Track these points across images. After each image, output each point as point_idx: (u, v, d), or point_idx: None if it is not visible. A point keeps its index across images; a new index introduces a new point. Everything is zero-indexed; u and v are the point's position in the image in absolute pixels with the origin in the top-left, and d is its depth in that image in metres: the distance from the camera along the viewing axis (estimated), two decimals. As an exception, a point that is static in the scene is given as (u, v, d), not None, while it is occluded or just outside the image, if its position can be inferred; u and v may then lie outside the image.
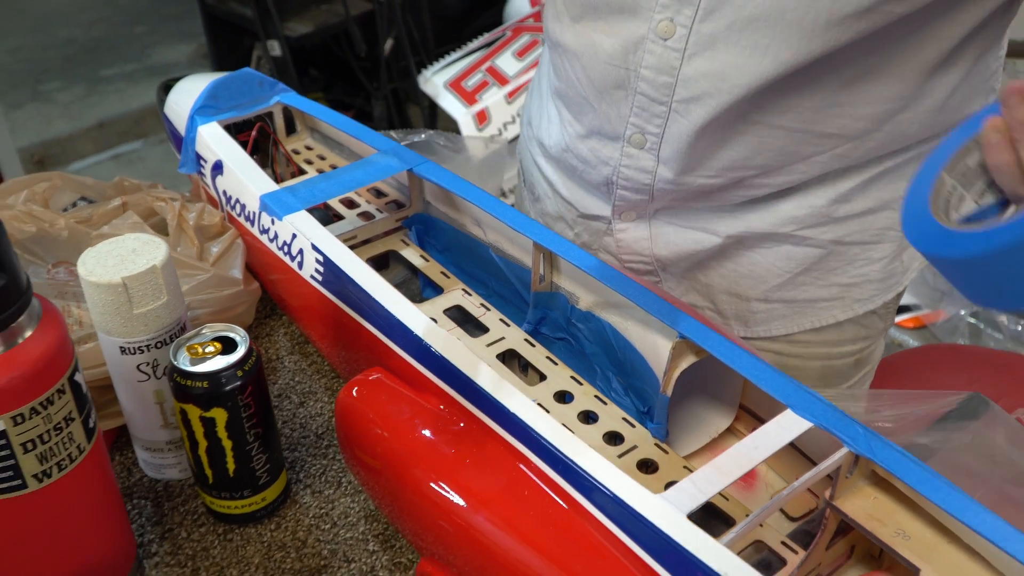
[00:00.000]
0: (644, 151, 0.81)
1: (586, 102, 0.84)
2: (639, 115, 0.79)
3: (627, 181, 0.84)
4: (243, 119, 0.98)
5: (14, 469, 0.55)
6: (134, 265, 0.65)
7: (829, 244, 0.85)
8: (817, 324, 0.90)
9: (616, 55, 0.77)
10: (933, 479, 0.56)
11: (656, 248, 0.89)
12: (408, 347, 0.68)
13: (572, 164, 0.90)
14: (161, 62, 3.29)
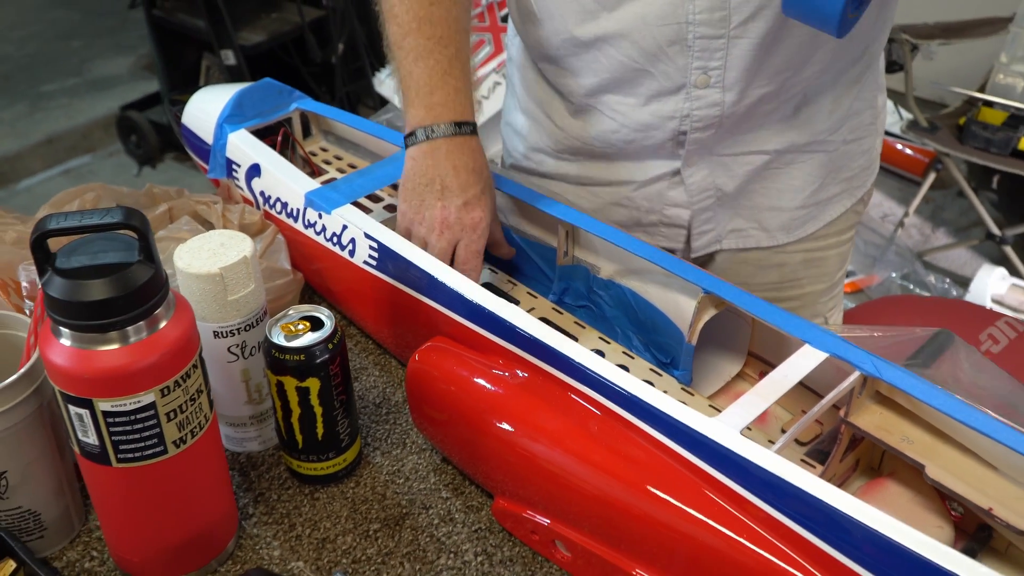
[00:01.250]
0: (709, 88, 0.90)
1: (640, 72, 0.92)
2: (700, 57, 0.88)
3: (699, 122, 0.93)
4: (266, 125, 1.06)
5: (159, 436, 0.63)
6: (227, 257, 0.73)
7: (842, 145, 1.02)
8: (834, 216, 1.06)
9: (667, 15, 0.86)
10: (932, 390, 0.68)
11: (718, 179, 0.99)
12: (468, 314, 0.77)
13: (629, 139, 0.97)
14: (102, 76, 3.28)
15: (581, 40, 0.93)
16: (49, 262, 0.59)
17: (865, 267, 2.52)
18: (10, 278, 0.79)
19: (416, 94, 0.87)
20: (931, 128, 2.39)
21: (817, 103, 0.97)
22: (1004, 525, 0.64)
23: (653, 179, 1.01)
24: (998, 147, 2.31)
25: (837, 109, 0.99)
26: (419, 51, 0.87)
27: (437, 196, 0.84)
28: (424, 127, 0.85)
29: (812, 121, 0.98)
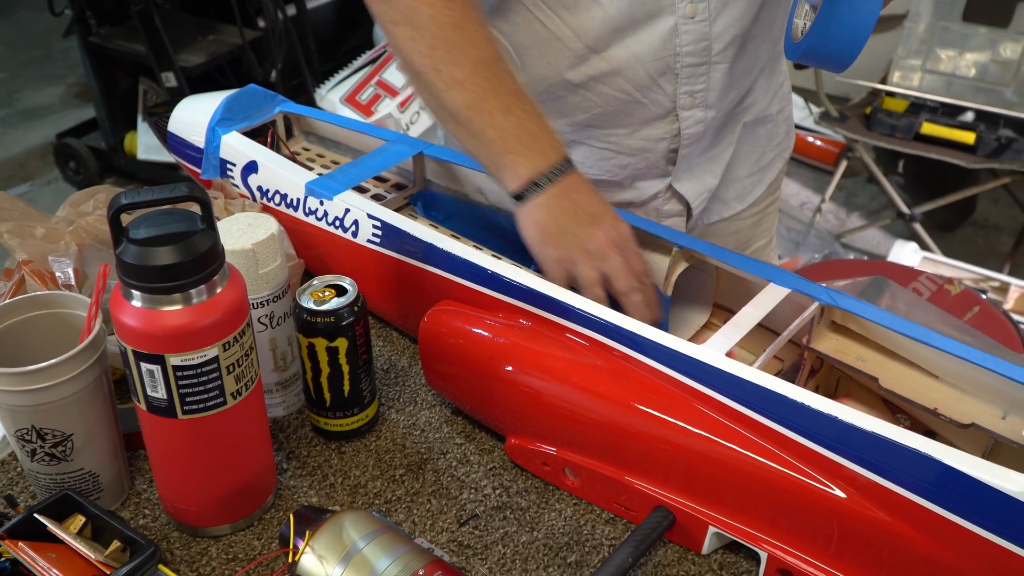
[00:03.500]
0: (695, 108, 1.02)
1: (631, 104, 1.00)
2: (687, 83, 0.99)
3: (688, 139, 1.04)
4: (253, 128, 1.14)
5: (219, 388, 0.70)
6: (256, 235, 0.81)
7: (777, 115, 1.16)
8: (772, 178, 1.20)
9: (656, 51, 0.96)
10: (880, 313, 0.80)
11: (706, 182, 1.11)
12: (470, 275, 0.87)
13: (622, 164, 1.06)
14: (33, 105, 3.27)
15: (572, 82, 1.00)
16: (123, 233, 0.66)
17: (789, 251, 2.69)
18: (45, 269, 0.86)
19: (521, 145, 0.85)
20: (841, 118, 2.57)
21: (758, 88, 1.11)
22: (948, 421, 0.76)
23: (649, 198, 1.10)
24: (902, 132, 2.51)
25: (769, 86, 1.13)
26: (504, 108, 0.85)
27: (590, 225, 0.84)
28: (545, 173, 0.84)
29: (756, 102, 1.12)
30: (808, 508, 0.70)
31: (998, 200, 2.93)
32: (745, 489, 0.73)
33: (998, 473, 0.63)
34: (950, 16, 2.64)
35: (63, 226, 0.91)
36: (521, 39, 0.99)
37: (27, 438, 0.73)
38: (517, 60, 1.00)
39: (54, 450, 0.74)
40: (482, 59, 0.86)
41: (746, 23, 0.98)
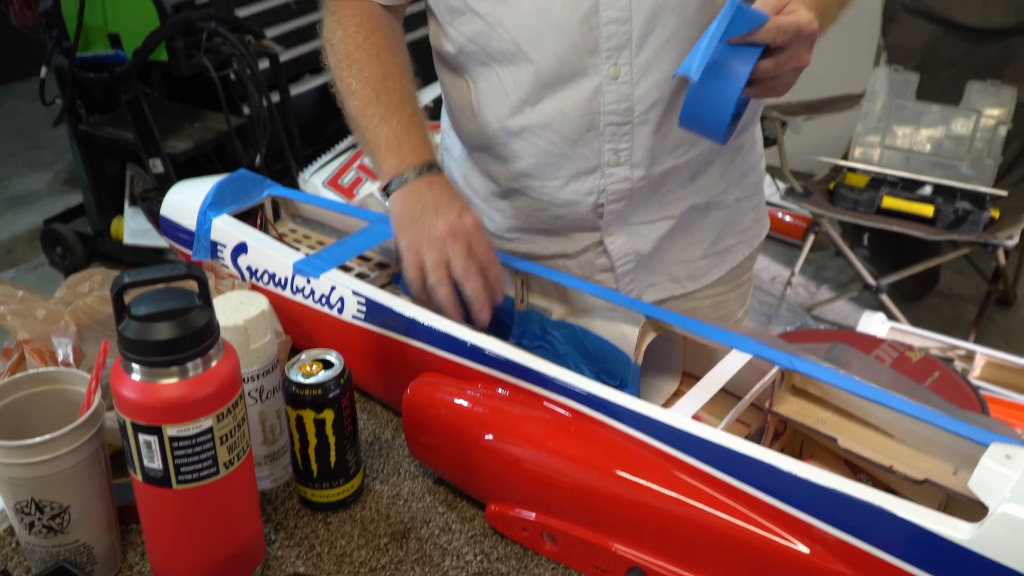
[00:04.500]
0: (620, 166, 1.09)
1: (561, 157, 1.09)
2: (611, 140, 1.07)
3: (613, 195, 1.11)
4: (243, 211, 1.19)
5: (212, 459, 0.74)
6: (247, 312, 0.85)
7: (734, 203, 1.22)
8: (734, 264, 1.25)
9: (582, 108, 1.05)
10: (838, 376, 0.85)
11: (636, 245, 1.17)
12: (451, 348, 0.91)
13: (556, 214, 1.15)
14: (20, 192, 3.33)
15: (511, 130, 1.10)
16: (126, 310, 0.71)
17: (761, 323, 2.75)
18: (45, 348, 0.90)
19: (387, 149, 1.02)
20: (806, 193, 2.67)
21: (710, 171, 1.17)
22: (903, 477, 0.81)
23: (582, 250, 1.18)
24: (865, 206, 2.60)
25: (727, 174, 1.19)
26: (382, 115, 1.03)
27: (433, 215, 0.96)
28: (405, 172, 1.00)
29: (707, 187, 1.18)
30: (776, 564, 0.74)
31: (962, 270, 3.02)
32: (715, 548, 0.77)
33: (948, 523, 0.67)
34: (904, 95, 2.77)
35: (62, 307, 0.95)
36: (477, 88, 1.11)
37: (26, 510, 0.77)
38: (475, 106, 1.12)
39: (51, 522, 0.77)
40: (375, 75, 1.05)
41: (668, 89, 1.05)
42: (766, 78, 0.88)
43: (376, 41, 1.08)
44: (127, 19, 2.40)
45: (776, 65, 0.87)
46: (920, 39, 2.80)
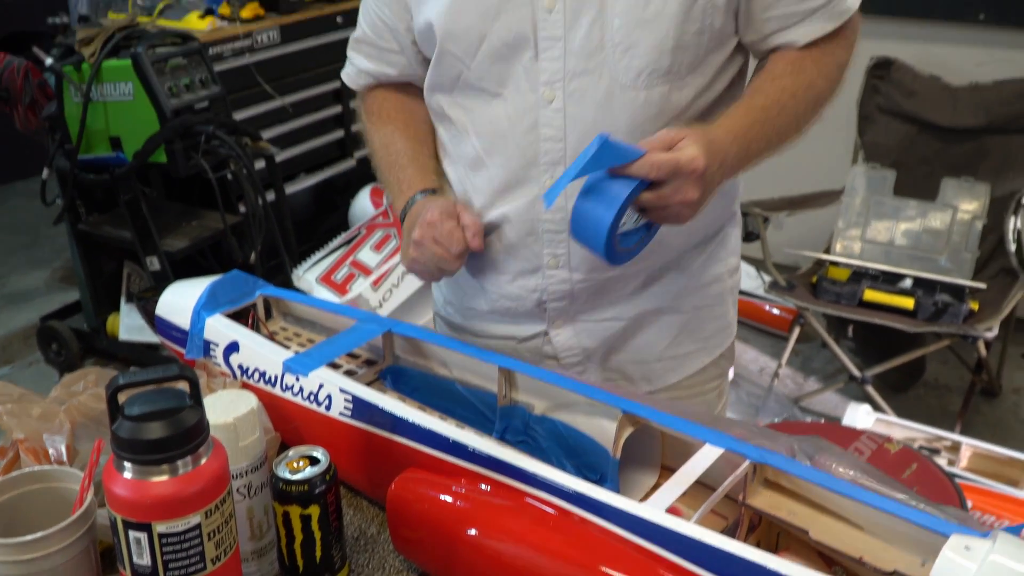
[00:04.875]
0: (559, 269, 1.18)
1: (508, 256, 1.20)
2: (549, 245, 1.16)
3: (554, 294, 1.19)
4: (235, 310, 1.23)
5: (200, 555, 0.76)
6: (237, 410, 0.89)
7: (692, 310, 1.26)
8: (693, 370, 1.28)
9: (524, 213, 1.15)
10: (808, 470, 0.88)
11: (582, 341, 1.23)
12: (435, 444, 0.94)
13: (505, 306, 1.23)
14: (19, 290, 3.39)
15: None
16: (120, 411, 0.74)
17: (749, 415, 2.77)
18: (40, 446, 0.92)
19: (395, 190, 1.23)
20: (789, 287, 2.73)
21: (664, 279, 1.23)
22: (873, 569, 0.83)
23: (529, 336, 1.26)
24: (847, 299, 2.66)
25: (685, 283, 1.24)
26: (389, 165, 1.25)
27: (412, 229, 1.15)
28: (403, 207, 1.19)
29: (660, 294, 1.23)
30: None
31: (947, 361, 3.06)
32: (691, 639, 0.79)
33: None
34: (883, 191, 2.86)
35: (56, 405, 0.99)
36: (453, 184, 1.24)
37: (16, 607, 0.78)
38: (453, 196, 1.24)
39: (41, 618, 0.79)
40: (383, 142, 1.27)
41: None
42: (652, 208, 0.96)
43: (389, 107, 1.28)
44: (128, 123, 2.49)
45: (658, 197, 0.95)
46: (895, 138, 2.90)
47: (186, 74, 2.51)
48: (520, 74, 1.11)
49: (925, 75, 2.86)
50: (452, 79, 1.16)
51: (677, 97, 1.09)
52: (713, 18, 1.07)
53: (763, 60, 1.15)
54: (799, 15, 1.09)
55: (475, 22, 1.11)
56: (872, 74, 2.90)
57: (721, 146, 1.00)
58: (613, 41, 1.07)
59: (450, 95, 1.18)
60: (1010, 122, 2.74)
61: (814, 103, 1.11)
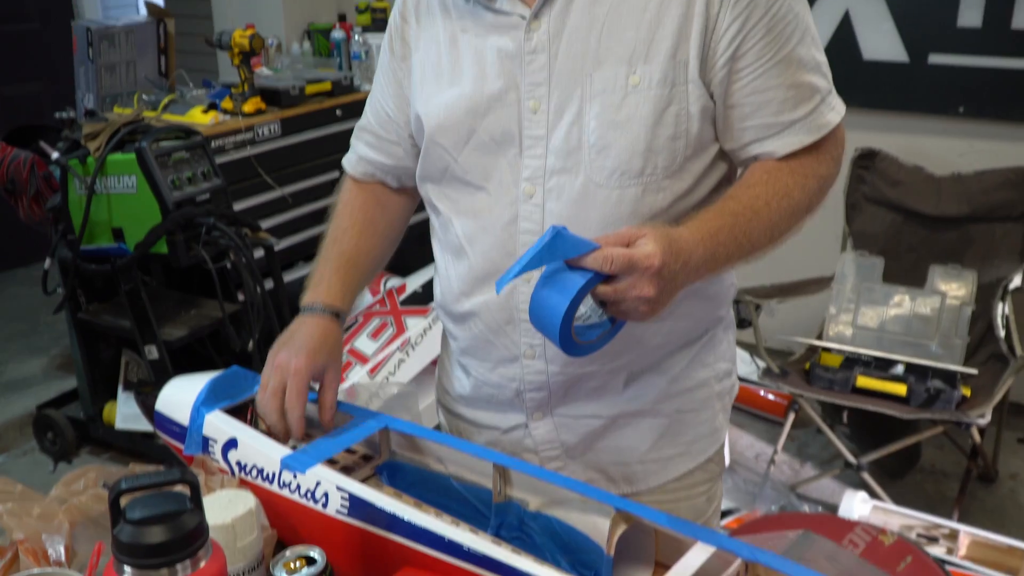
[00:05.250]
0: (535, 359, 1.21)
1: (488, 344, 1.23)
2: (526, 335, 1.19)
3: (531, 384, 1.22)
4: (234, 406, 1.25)
5: (198, 658, 0.77)
6: (235, 510, 0.90)
7: (674, 414, 1.26)
8: (677, 473, 1.28)
9: (502, 303, 1.19)
10: (799, 568, 0.90)
11: (561, 435, 1.25)
12: (430, 543, 0.95)
13: (488, 393, 1.27)
14: (16, 377, 3.40)
15: (454, 313, 1.26)
16: (121, 515, 0.76)
17: (747, 503, 2.76)
18: (39, 547, 0.93)
19: (312, 283, 1.28)
20: (783, 374, 2.75)
21: (644, 380, 1.24)
22: (864, 668, 0.84)
23: (511, 428, 1.28)
24: (840, 386, 2.68)
25: (667, 387, 1.25)
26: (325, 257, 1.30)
27: (286, 346, 1.20)
28: (308, 304, 1.25)
29: (640, 395, 1.25)
30: None
31: (942, 446, 3.06)
32: None
33: None
34: (872, 278, 2.90)
35: (57, 504, 1.00)
36: (438, 269, 1.30)
37: None
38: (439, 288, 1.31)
39: None
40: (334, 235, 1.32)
41: None
42: (609, 302, 0.99)
43: (358, 204, 1.35)
44: (131, 214, 2.54)
45: (614, 291, 0.97)
46: (882, 226, 2.96)
47: (188, 167, 2.57)
48: (504, 169, 1.17)
49: (909, 165, 2.93)
50: (440, 171, 1.22)
51: (652, 199, 1.13)
52: (688, 125, 1.11)
53: (743, 169, 1.19)
54: (777, 127, 1.12)
55: (464, 118, 1.17)
56: (857, 164, 2.97)
57: (684, 246, 1.01)
58: (589, 142, 1.12)
59: (438, 185, 1.24)
60: (992, 211, 2.81)
61: (790, 213, 1.12)
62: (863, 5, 3.01)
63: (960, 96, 2.97)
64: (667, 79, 1.08)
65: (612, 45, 1.09)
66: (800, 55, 1.11)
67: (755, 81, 1.10)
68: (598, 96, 1.10)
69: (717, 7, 1.07)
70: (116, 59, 3.09)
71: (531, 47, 1.12)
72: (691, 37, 1.08)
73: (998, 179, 2.80)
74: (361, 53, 3.55)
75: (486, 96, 1.15)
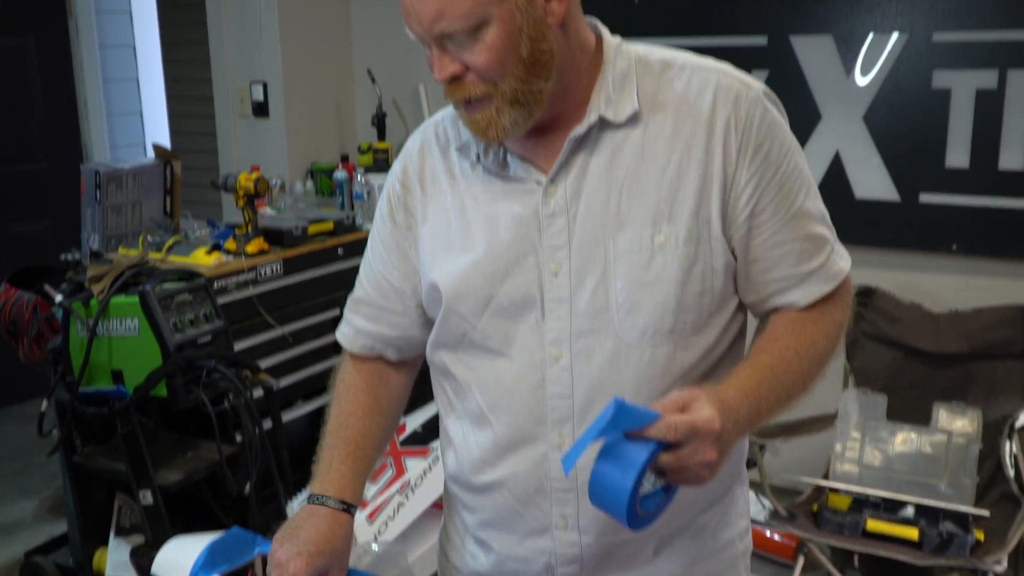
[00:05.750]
0: (568, 531, 1.15)
1: (515, 515, 1.18)
2: (558, 504, 1.15)
3: (563, 557, 1.17)
4: (234, 570, 1.22)
5: None
6: None
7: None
8: None
9: (531, 471, 1.15)
10: None
11: None
12: None
13: (513, 569, 1.21)
14: (5, 521, 3.32)
15: (474, 484, 1.21)
16: None
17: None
18: None
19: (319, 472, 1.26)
20: (790, 516, 2.69)
21: (677, 544, 1.21)
22: None
23: None
24: (849, 530, 2.61)
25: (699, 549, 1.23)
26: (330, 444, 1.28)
27: (289, 539, 1.18)
28: (314, 494, 1.24)
29: (674, 560, 1.22)
30: None
31: (958, 589, 2.97)
32: None
33: None
34: (876, 415, 2.88)
35: None
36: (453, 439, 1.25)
37: None
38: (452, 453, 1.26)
39: None
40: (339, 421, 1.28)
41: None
42: (671, 470, 0.96)
43: (362, 385, 1.31)
44: (131, 357, 2.52)
45: (676, 459, 0.95)
46: (883, 363, 2.96)
47: (191, 309, 2.58)
48: (526, 333, 1.15)
49: (907, 303, 2.95)
50: (457, 338, 1.20)
51: (683, 356, 1.13)
52: (713, 280, 1.12)
53: (763, 320, 1.20)
54: (797, 277, 1.15)
55: (482, 284, 1.16)
56: (855, 301, 2.99)
57: (733, 405, 1.02)
58: (617, 302, 1.11)
59: (454, 352, 1.21)
60: (992, 348, 2.81)
61: (818, 361, 1.14)
62: (852, 146, 3.10)
63: (953, 234, 3.01)
64: (692, 237, 1.10)
65: (634, 206, 1.11)
66: (808, 208, 1.15)
67: (775, 236, 1.13)
68: (624, 256, 1.11)
69: (734, 167, 1.10)
70: (123, 200, 3.15)
71: (549, 211, 1.13)
72: (712, 196, 1.10)
73: (996, 316, 2.81)
74: (363, 193, 3.62)
75: (503, 261, 1.15)
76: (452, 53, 1.06)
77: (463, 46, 1.05)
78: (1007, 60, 2.83)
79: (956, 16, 2.87)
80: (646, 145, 1.11)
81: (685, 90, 1.12)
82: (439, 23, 1.03)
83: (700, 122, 1.10)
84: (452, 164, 1.20)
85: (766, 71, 3.15)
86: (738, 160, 1.10)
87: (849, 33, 3.03)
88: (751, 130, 1.10)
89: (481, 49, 1.04)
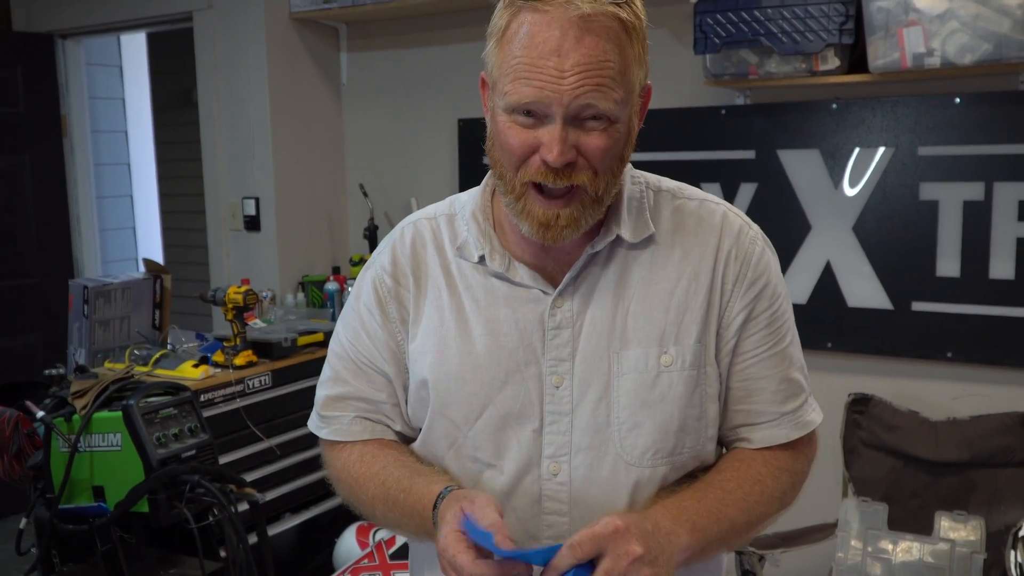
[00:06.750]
0: None
1: None
2: None
3: None
4: None
5: None
6: None
7: None
8: None
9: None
10: None
11: None
12: None
13: None
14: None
15: None
16: None
17: None
18: None
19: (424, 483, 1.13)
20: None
21: None
22: None
23: None
24: (857, 647, 2.51)
25: None
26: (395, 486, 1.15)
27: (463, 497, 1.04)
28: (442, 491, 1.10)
29: None
30: None
31: None
32: None
33: None
34: (876, 524, 2.80)
35: None
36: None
37: None
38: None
39: None
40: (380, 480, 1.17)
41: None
42: None
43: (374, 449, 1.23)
44: (113, 473, 2.47)
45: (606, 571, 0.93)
46: (882, 471, 2.90)
47: (176, 423, 2.53)
48: (523, 445, 1.12)
49: (904, 410, 2.92)
50: (446, 446, 1.16)
51: (674, 480, 1.14)
52: (707, 406, 1.14)
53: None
54: (768, 415, 1.16)
55: (479, 390, 1.13)
56: (852, 410, 2.95)
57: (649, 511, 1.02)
58: (619, 419, 1.10)
59: (442, 463, 1.18)
60: (992, 456, 2.77)
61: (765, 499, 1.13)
62: (843, 256, 3.11)
63: (947, 342, 3.00)
64: (697, 360, 1.12)
65: (641, 325, 1.11)
66: (792, 353, 1.17)
67: (755, 367, 1.15)
68: (628, 374, 1.10)
69: (728, 296, 1.13)
70: (111, 315, 3.14)
71: (555, 323, 1.12)
72: (711, 322, 1.13)
73: (995, 424, 2.78)
74: (354, 304, 3.62)
75: (504, 368, 1.12)
76: (571, 136, 1.03)
77: (588, 130, 1.03)
78: (993, 173, 2.88)
79: (940, 132, 2.93)
80: (655, 266, 1.13)
81: (695, 218, 1.16)
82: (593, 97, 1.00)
83: (708, 250, 1.13)
84: (448, 262, 1.18)
85: (755, 184, 3.19)
86: (734, 289, 1.13)
87: (836, 148, 3.08)
88: (749, 263, 1.14)
89: (603, 137, 1.03)
